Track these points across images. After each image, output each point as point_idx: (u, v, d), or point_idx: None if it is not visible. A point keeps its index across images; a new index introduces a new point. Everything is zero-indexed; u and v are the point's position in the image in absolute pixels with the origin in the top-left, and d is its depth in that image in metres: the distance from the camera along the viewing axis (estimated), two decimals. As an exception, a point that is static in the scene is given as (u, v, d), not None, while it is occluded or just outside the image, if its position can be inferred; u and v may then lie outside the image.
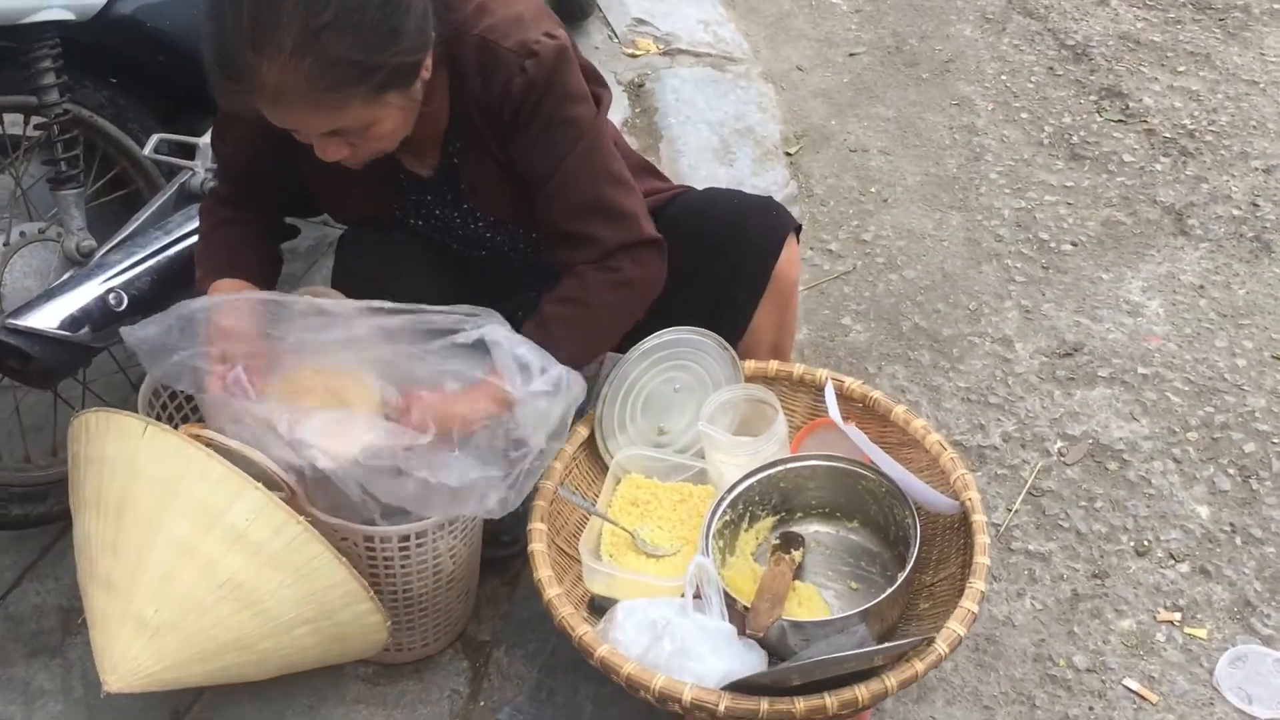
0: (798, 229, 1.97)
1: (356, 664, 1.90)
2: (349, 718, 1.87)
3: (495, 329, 1.67)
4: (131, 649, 1.53)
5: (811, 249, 2.89)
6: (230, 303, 1.70)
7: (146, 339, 1.65)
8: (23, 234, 1.97)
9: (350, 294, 1.79)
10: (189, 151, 2.13)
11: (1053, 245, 2.87)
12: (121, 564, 1.55)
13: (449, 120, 1.74)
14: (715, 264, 1.91)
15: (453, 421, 1.63)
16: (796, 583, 1.76)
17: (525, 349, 1.66)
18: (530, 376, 1.64)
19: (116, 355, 2.22)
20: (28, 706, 1.89)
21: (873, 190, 3.09)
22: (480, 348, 1.66)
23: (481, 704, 1.90)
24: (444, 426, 1.62)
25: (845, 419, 1.91)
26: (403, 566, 1.72)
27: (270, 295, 1.72)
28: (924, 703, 1.90)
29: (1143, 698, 1.90)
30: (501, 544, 2.05)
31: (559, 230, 1.75)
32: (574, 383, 1.68)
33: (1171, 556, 2.13)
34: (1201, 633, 2.00)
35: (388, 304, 1.67)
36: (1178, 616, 2.02)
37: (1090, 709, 1.89)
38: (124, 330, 1.66)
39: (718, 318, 1.92)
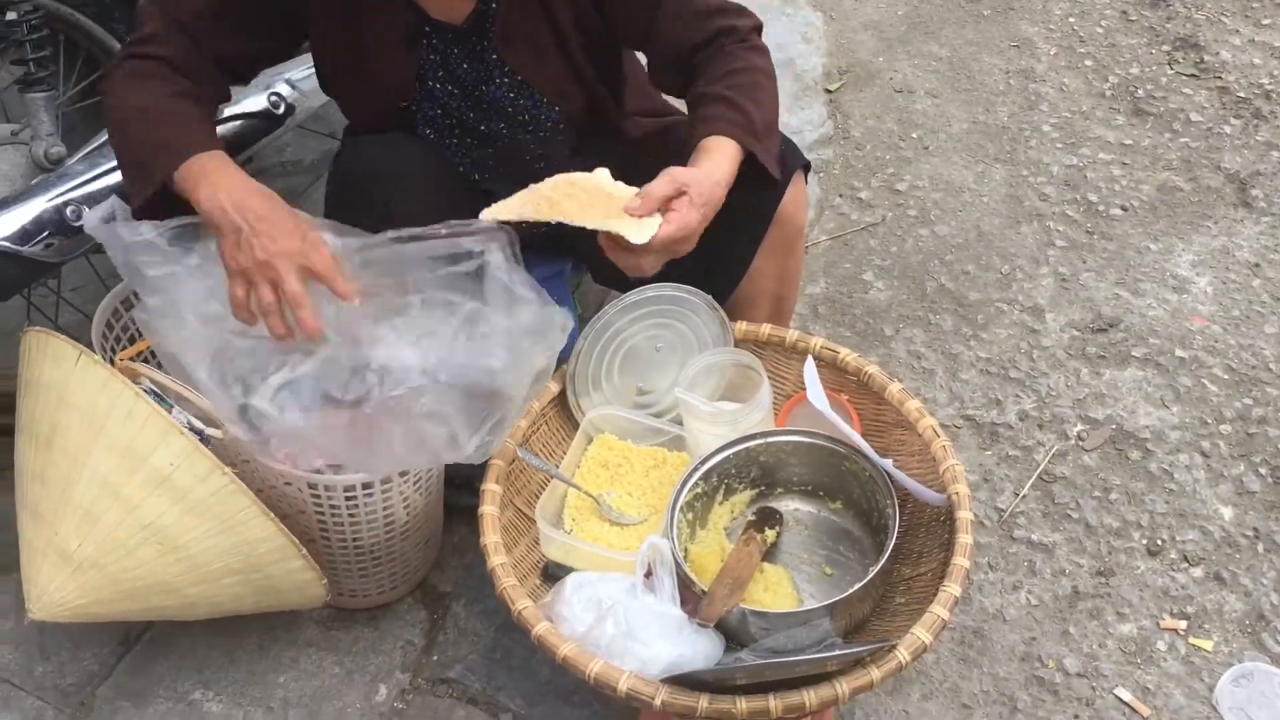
0: (806, 166, 1.81)
1: (311, 606, 1.84)
2: (298, 660, 1.81)
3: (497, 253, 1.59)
4: (55, 580, 1.48)
5: (840, 196, 2.72)
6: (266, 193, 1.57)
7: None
8: (-7, 136, 1.89)
9: (346, 211, 1.70)
10: (171, 58, 2.01)
11: (1101, 208, 2.68)
12: (48, 494, 1.49)
13: None
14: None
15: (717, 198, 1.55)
16: (766, 565, 1.66)
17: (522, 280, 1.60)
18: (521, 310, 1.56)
19: (95, 265, 2.15)
20: (-20, 622, 1.87)
21: (914, 136, 2.90)
22: None
23: (435, 658, 1.83)
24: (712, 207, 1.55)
25: (837, 392, 1.78)
26: (351, 516, 1.64)
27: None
28: (899, 695, 1.80)
29: (1134, 710, 1.77)
30: (473, 490, 1.96)
31: (698, 39, 1.68)
32: (565, 323, 1.62)
33: (1185, 559, 1.98)
34: (1207, 645, 1.86)
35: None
36: (1183, 625, 1.89)
37: (1075, 717, 1.77)
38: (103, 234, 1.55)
39: (715, 261, 1.76)
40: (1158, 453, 2.14)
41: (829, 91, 3.04)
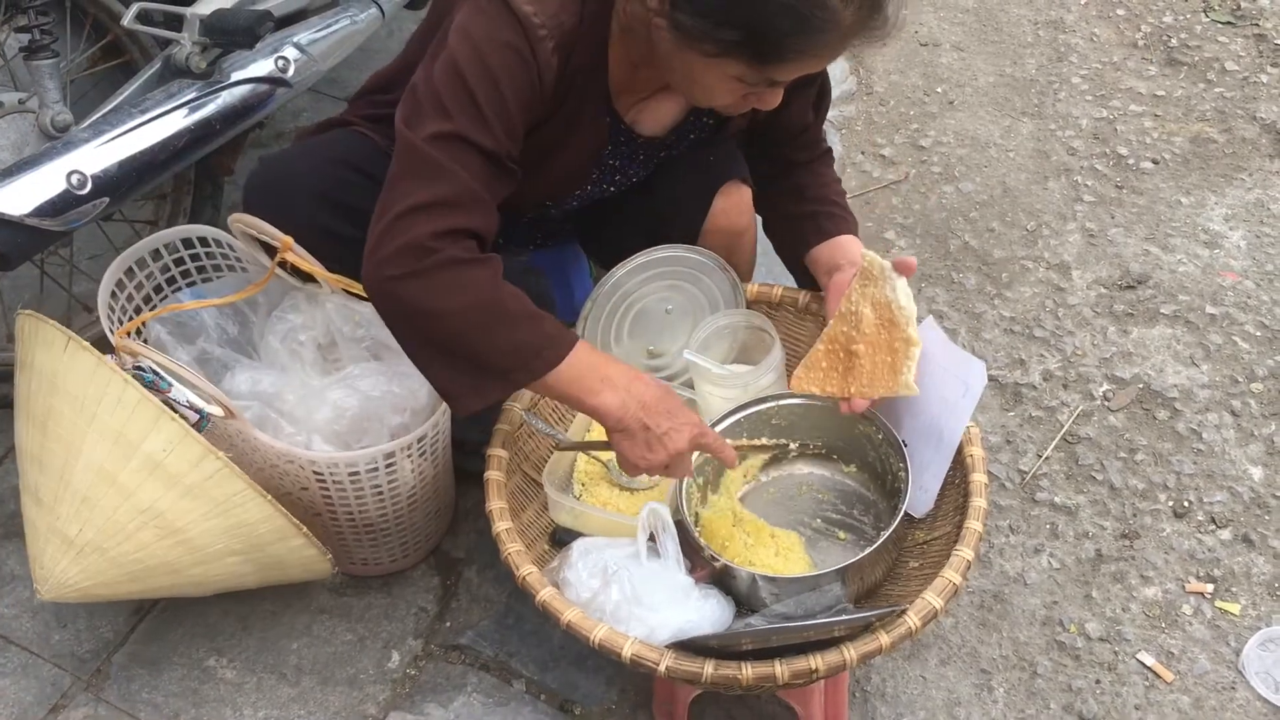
0: (743, 177, 1.78)
1: (324, 573, 1.83)
2: (311, 627, 1.81)
3: None
4: (60, 563, 1.48)
5: (862, 154, 2.67)
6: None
7: None
8: (0, 104, 1.87)
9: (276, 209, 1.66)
10: (175, 22, 1.99)
11: (1131, 162, 2.60)
12: (46, 479, 1.48)
13: None
14: (646, 206, 1.78)
15: None
16: (778, 530, 1.63)
17: None
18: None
19: (108, 233, 2.15)
20: (-1, 589, 1.88)
21: (939, 90, 2.83)
22: None
23: (447, 624, 1.82)
24: None
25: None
26: (356, 492, 1.63)
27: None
28: (915, 660, 1.77)
29: (1157, 675, 1.74)
30: (484, 457, 1.94)
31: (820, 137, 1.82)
32: None
33: (1213, 521, 1.93)
34: (1234, 608, 1.82)
35: None
36: (1210, 588, 1.84)
37: (1096, 682, 1.73)
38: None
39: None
40: (1186, 412, 2.09)
41: (851, 46, 2.98)
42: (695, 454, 1.54)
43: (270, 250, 1.66)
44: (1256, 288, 2.30)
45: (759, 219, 1.86)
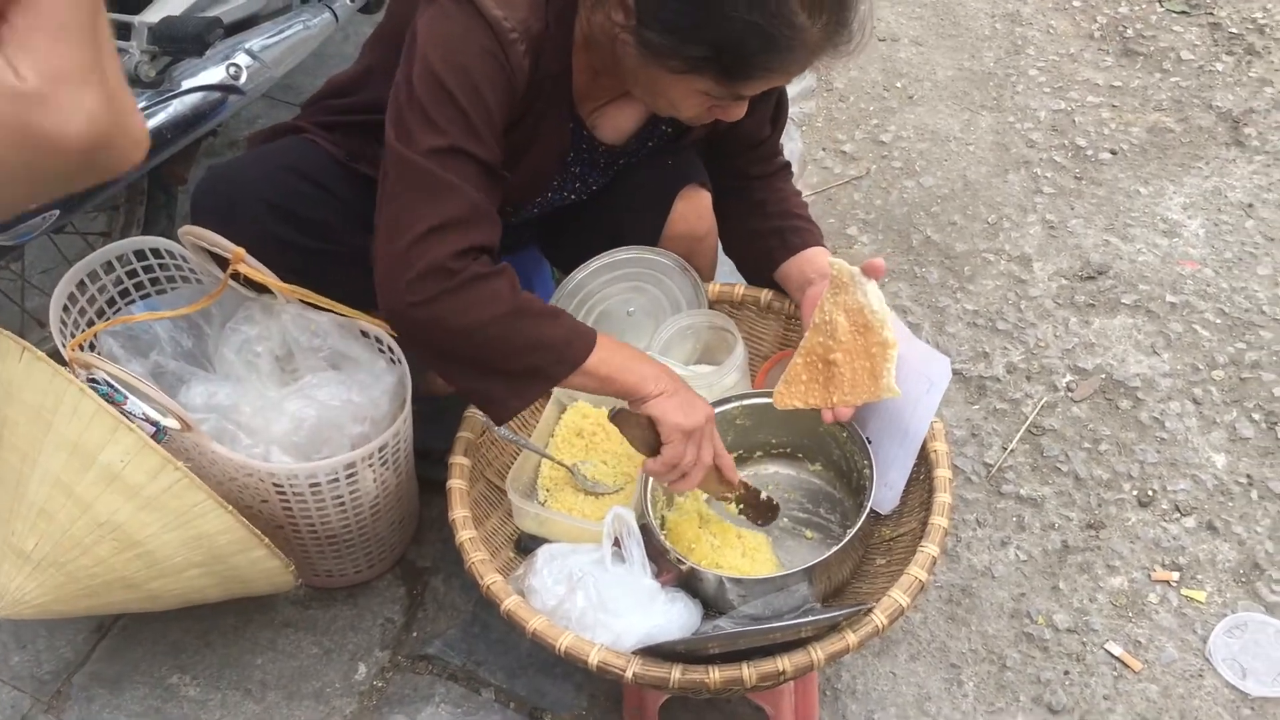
0: (702, 182, 1.77)
1: (287, 586, 1.81)
2: (276, 641, 1.79)
3: None
4: (15, 579, 1.44)
5: (823, 150, 2.66)
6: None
7: None
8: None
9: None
10: (123, 31, 1.96)
11: (1089, 153, 2.62)
12: (2, 492, 1.45)
13: None
14: (605, 211, 1.77)
15: None
16: (745, 532, 1.62)
17: None
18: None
19: (60, 246, 2.11)
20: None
21: (898, 85, 2.84)
22: None
23: (414, 634, 1.80)
24: None
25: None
26: (317, 504, 1.60)
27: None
28: (886, 656, 1.77)
29: (1125, 664, 1.74)
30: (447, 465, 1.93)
31: (777, 150, 1.81)
32: None
33: (1177, 509, 1.94)
34: (1200, 596, 1.83)
35: None
36: (1175, 576, 1.85)
37: (1065, 673, 1.74)
38: None
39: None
40: (1148, 401, 2.10)
41: (810, 42, 2.98)
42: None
43: (222, 262, 1.64)
44: (1215, 275, 2.32)
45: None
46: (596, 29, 1.44)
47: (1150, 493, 1.96)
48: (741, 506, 1.62)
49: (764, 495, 1.62)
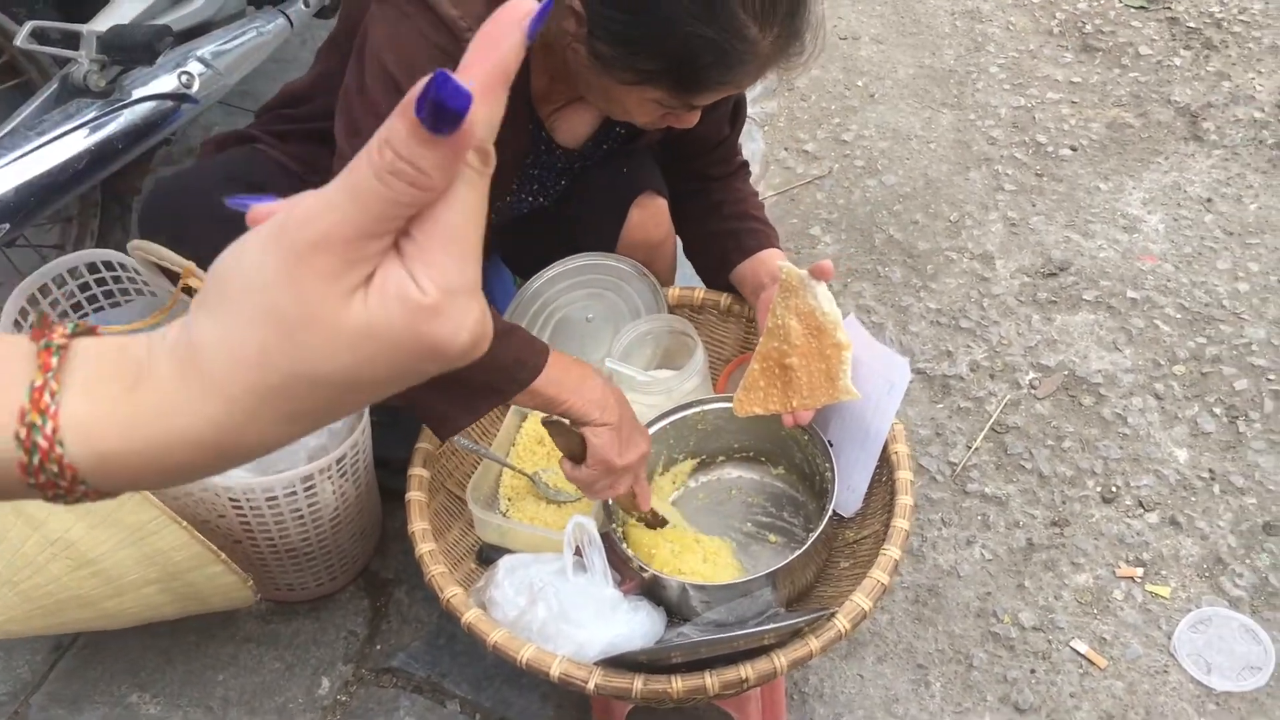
0: (658, 189, 1.77)
1: (249, 601, 1.79)
2: (237, 656, 1.77)
3: None
4: (-35, 600, 1.42)
5: (786, 150, 2.66)
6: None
7: None
8: (-111, 131, 1.80)
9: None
10: (72, 40, 1.93)
11: (1050, 150, 2.62)
12: (-50, 510, 1.42)
13: None
14: (562, 220, 1.77)
15: None
16: (704, 537, 1.62)
17: None
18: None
19: (12, 259, 2.08)
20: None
21: (859, 84, 2.84)
22: None
23: (378, 647, 1.78)
24: None
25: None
26: (276, 519, 1.58)
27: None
28: (853, 659, 1.76)
29: (1090, 662, 1.75)
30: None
31: (736, 150, 1.80)
32: None
33: (1140, 505, 1.95)
34: (1164, 591, 1.83)
35: None
36: (1139, 572, 1.86)
37: (1031, 672, 1.74)
38: None
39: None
40: (1110, 397, 2.11)
41: (771, 42, 2.97)
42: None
43: (173, 275, 1.62)
44: (1176, 270, 2.33)
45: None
46: (551, 36, 1.43)
47: (1114, 489, 1.97)
48: (636, 516, 1.60)
49: (661, 516, 1.61)
